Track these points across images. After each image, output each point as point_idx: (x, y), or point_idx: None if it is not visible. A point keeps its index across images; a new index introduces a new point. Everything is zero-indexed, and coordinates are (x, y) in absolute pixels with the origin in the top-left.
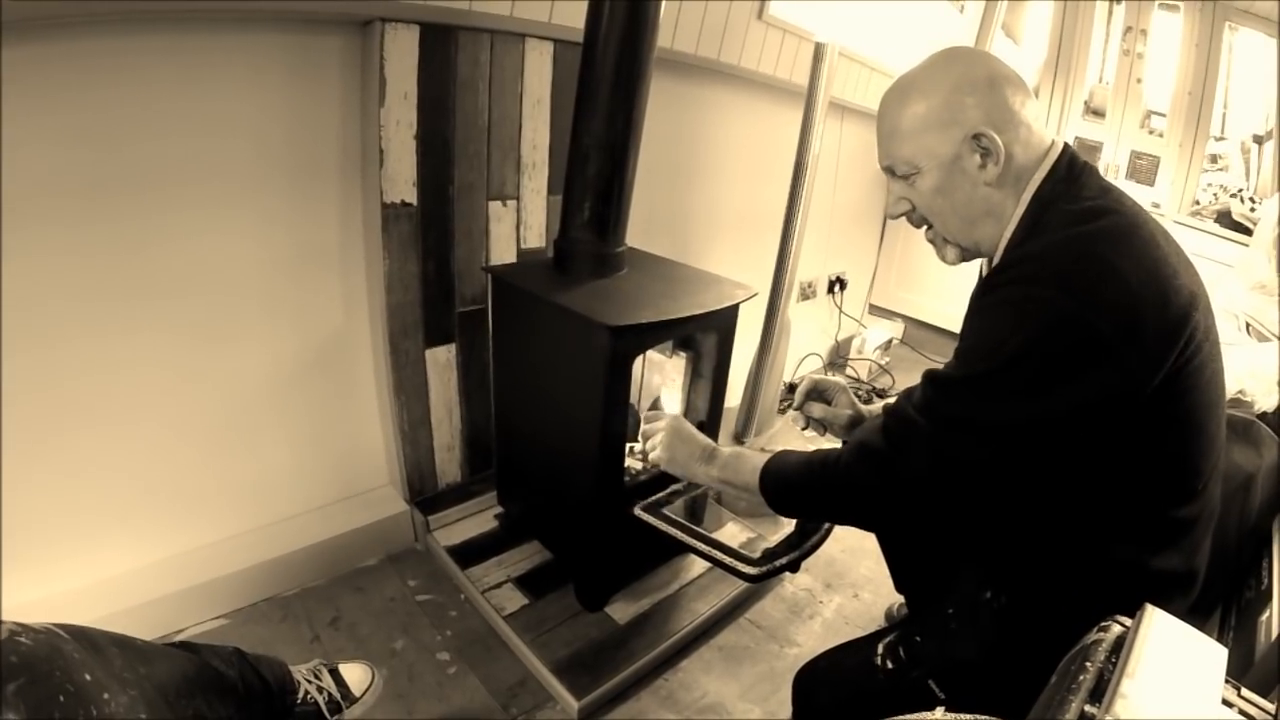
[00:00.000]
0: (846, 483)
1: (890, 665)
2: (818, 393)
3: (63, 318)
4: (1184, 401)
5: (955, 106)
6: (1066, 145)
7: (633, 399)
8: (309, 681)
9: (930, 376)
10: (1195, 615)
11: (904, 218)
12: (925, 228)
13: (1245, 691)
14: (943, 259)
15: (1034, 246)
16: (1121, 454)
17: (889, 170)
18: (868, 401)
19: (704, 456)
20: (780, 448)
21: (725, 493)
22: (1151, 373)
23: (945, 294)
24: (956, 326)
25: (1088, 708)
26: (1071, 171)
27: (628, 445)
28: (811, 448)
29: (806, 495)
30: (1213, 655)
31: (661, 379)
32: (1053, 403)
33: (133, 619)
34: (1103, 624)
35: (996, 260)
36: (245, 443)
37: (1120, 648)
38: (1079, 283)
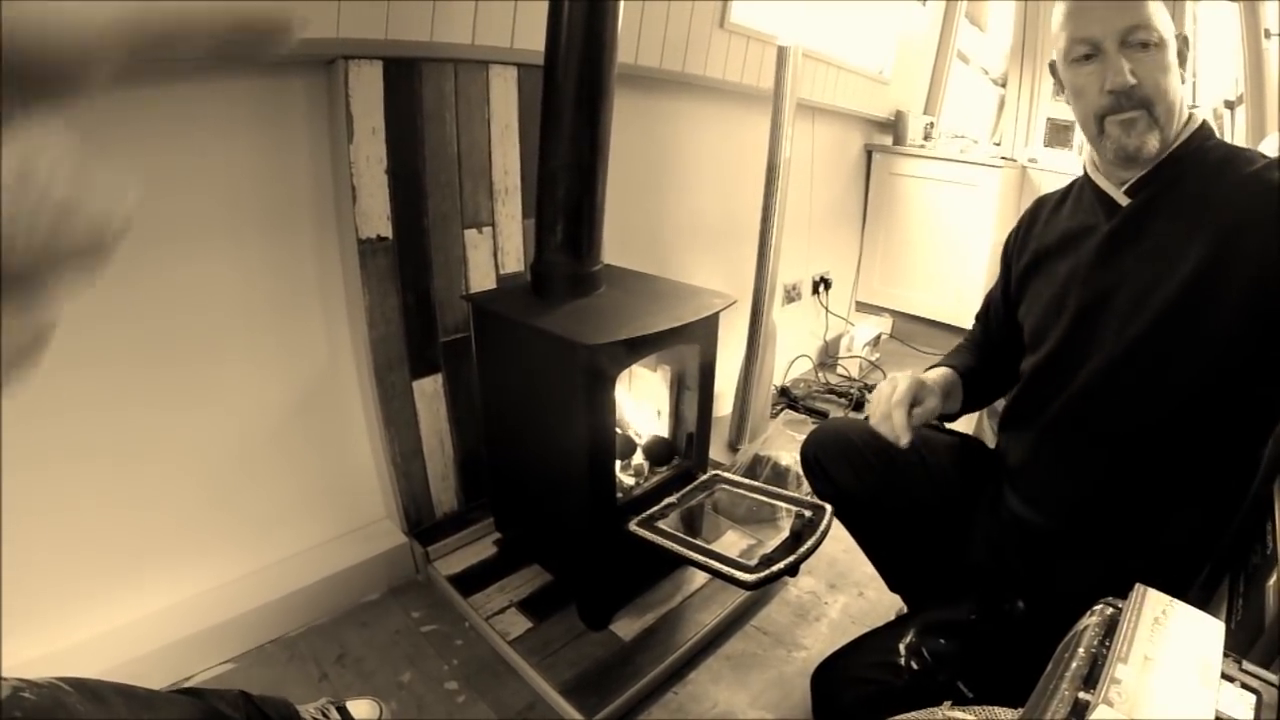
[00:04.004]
0: None
1: (915, 666)
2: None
3: (63, 388)
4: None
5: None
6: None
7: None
8: None
9: None
10: (1204, 588)
11: (1116, 97)
12: (1123, 114)
13: (1246, 665)
14: (1140, 148)
15: None
16: None
17: (1127, 35)
18: (861, 399)
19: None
20: (771, 453)
21: None
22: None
23: (931, 286)
24: (944, 317)
25: (1081, 694)
26: None
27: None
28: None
29: None
30: (1209, 630)
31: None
32: None
33: (140, 668)
34: (1094, 607)
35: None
36: (242, 487)
37: (1113, 630)
38: None
